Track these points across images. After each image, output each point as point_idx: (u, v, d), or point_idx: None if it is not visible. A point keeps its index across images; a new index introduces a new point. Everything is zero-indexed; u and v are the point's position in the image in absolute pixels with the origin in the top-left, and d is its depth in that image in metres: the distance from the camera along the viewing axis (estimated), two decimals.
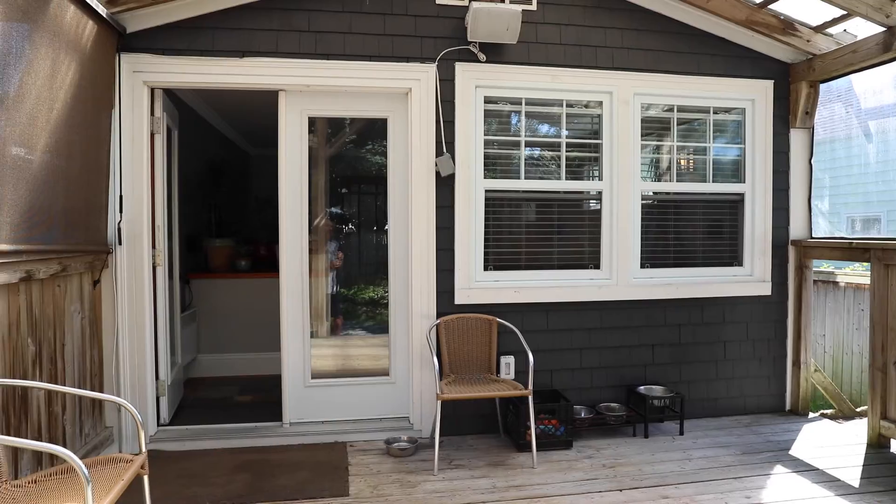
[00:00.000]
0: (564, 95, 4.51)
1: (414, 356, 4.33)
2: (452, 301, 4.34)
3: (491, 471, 3.78)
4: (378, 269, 4.64)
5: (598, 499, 3.40)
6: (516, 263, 4.53)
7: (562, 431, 4.15)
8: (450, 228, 4.32)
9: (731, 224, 4.92)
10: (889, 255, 4.10)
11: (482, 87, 4.37)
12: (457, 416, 4.34)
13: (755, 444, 4.25)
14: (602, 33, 4.53)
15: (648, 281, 4.67)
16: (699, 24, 4.67)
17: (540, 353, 4.40)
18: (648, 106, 4.72)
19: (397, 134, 4.39)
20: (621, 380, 4.66)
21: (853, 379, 5.82)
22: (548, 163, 4.65)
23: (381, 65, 4.20)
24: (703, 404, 4.83)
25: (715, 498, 3.42)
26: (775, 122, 4.87)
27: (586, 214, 4.67)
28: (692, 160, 4.92)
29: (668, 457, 4.02)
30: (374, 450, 4.10)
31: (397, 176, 4.40)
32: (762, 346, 4.93)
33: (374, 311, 4.73)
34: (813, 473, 3.77)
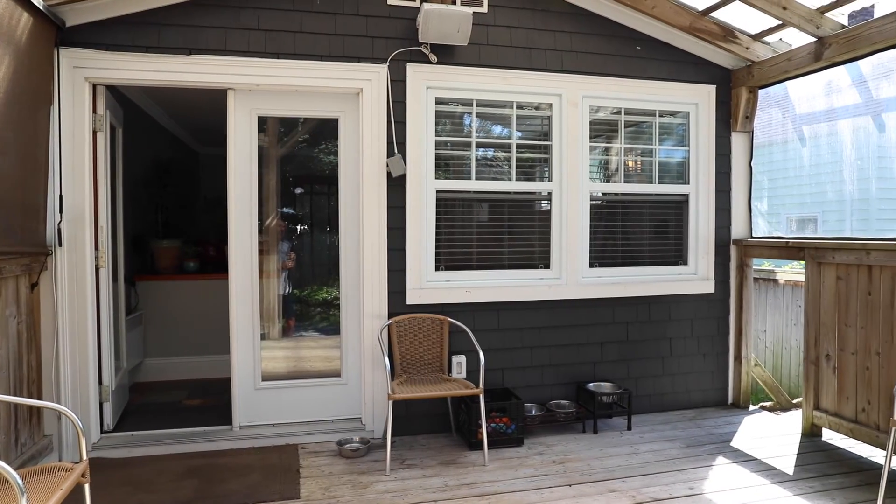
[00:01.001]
0: (515, 97, 4.57)
1: (366, 357, 4.32)
2: (404, 301, 4.35)
3: (443, 469, 3.80)
4: (331, 269, 4.61)
5: (548, 494, 3.46)
6: (468, 263, 4.57)
7: (513, 429, 4.21)
8: (401, 229, 4.33)
9: (677, 224, 5.07)
10: (821, 254, 4.29)
11: (433, 88, 4.39)
12: (409, 415, 4.35)
13: (699, 437, 4.39)
14: (551, 36, 4.61)
15: (597, 280, 4.77)
16: (645, 30, 4.80)
17: (491, 352, 4.45)
18: (597, 108, 4.82)
19: (348, 134, 4.38)
20: (571, 377, 4.75)
21: (792, 372, 6.07)
22: (499, 163, 4.70)
23: (333, 64, 4.18)
24: (651, 399, 4.96)
25: (660, 490, 3.52)
26: (718, 126, 5.04)
27: (537, 215, 4.74)
28: (639, 162, 5.05)
29: (617, 451, 4.12)
30: (326, 451, 4.08)
31: (348, 176, 4.39)
32: (706, 343, 5.10)
33: (327, 311, 4.70)
34: (752, 463, 3.92)
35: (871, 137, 4.70)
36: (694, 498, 3.42)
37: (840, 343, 4.20)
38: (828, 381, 4.30)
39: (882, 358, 3.91)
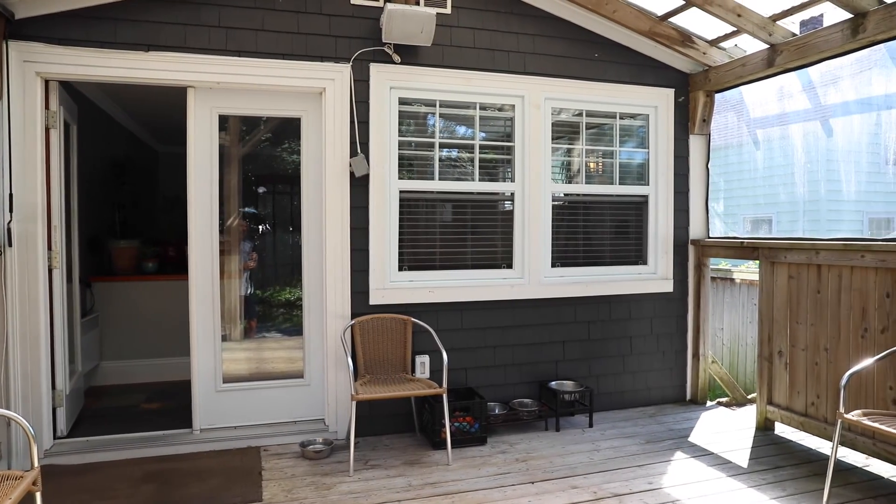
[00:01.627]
0: (478, 98, 4.60)
1: (329, 357, 4.30)
2: (367, 301, 4.34)
3: (407, 469, 3.81)
4: (293, 270, 4.57)
5: (511, 492, 3.50)
6: (431, 264, 4.58)
7: (476, 428, 4.24)
8: (364, 229, 4.32)
9: (637, 224, 5.17)
10: (774, 254, 4.43)
11: (397, 89, 4.40)
12: (372, 416, 4.35)
13: (658, 433, 4.48)
14: (514, 38, 4.65)
15: (559, 280, 4.84)
16: (607, 34, 4.88)
17: (454, 351, 4.48)
18: (559, 110, 4.89)
19: (311, 134, 4.35)
20: (534, 376, 4.80)
21: (748, 369, 6.23)
22: (463, 164, 4.72)
23: (295, 63, 4.14)
24: (612, 397, 5.04)
25: (620, 486, 3.58)
26: (676, 129, 5.16)
27: (499, 215, 4.78)
28: (601, 163, 5.13)
29: (578, 448, 4.18)
30: (289, 453, 4.04)
31: (311, 176, 4.36)
32: (665, 341, 5.21)
33: (290, 312, 4.66)
34: (709, 457, 4.03)
35: (820, 142, 4.88)
36: (653, 492, 3.49)
37: (792, 340, 4.34)
38: (780, 377, 4.44)
39: (830, 354, 4.06)
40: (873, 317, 3.80)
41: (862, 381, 3.84)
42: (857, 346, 3.88)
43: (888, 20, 3.65)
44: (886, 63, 3.99)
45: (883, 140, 5.06)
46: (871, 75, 4.06)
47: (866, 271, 3.83)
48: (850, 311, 3.93)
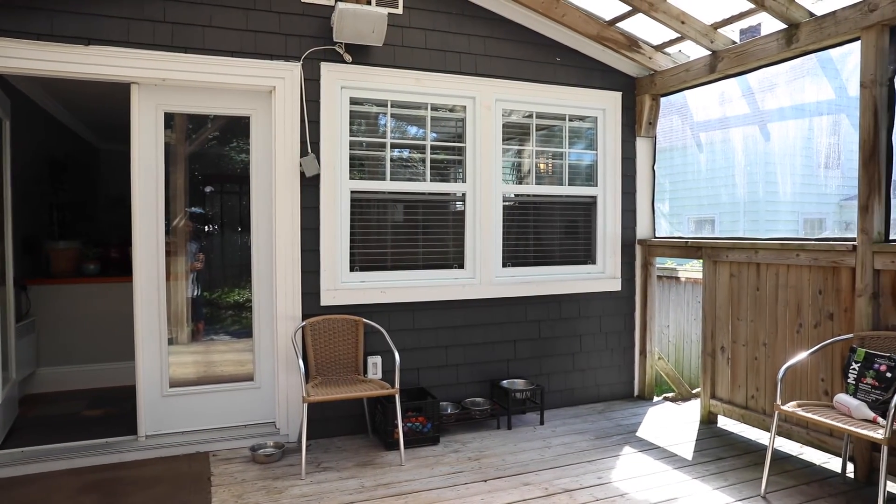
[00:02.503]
0: (430, 99, 4.62)
1: (279, 359, 4.24)
2: (318, 302, 4.30)
3: (359, 471, 3.79)
4: (243, 271, 4.49)
5: (464, 490, 3.52)
6: (383, 264, 4.57)
7: (429, 428, 4.25)
8: (315, 229, 4.28)
9: (586, 224, 5.27)
10: (716, 253, 4.58)
11: (348, 88, 4.37)
12: (324, 418, 4.31)
13: (607, 429, 4.58)
14: (466, 40, 4.68)
15: (510, 279, 4.89)
16: (556, 37, 4.96)
17: (407, 351, 4.48)
18: (510, 112, 4.94)
19: (261, 133, 4.28)
20: (486, 375, 4.84)
21: (693, 364, 6.43)
22: (414, 164, 4.73)
23: (244, 61, 4.07)
24: (562, 394, 5.13)
25: (571, 481, 3.65)
26: (623, 131, 5.28)
27: (451, 215, 4.80)
28: (550, 164, 5.21)
29: (530, 446, 4.24)
30: (239, 458, 3.97)
31: (261, 176, 4.29)
32: (614, 338, 5.33)
33: (239, 314, 4.57)
34: (655, 451, 4.14)
35: (759, 145, 5.07)
36: (602, 487, 3.57)
37: (733, 336, 4.50)
38: (722, 372, 4.60)
39: (768, 348, 4.23)
40: (807, 313, 3.97)
41: (797, 374, 4.01)
42: (793, 341, 4.05)
43: (818, 31, 3.83)
44: (818, 72, 4.18)
45: (815, 145, 5.30)
46: (804, 83, 4.25)
47: (801, 269, 4.01)
48: (787, 307, 4.10)
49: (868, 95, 3.57)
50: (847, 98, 3.85)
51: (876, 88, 3.54)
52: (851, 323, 3.68)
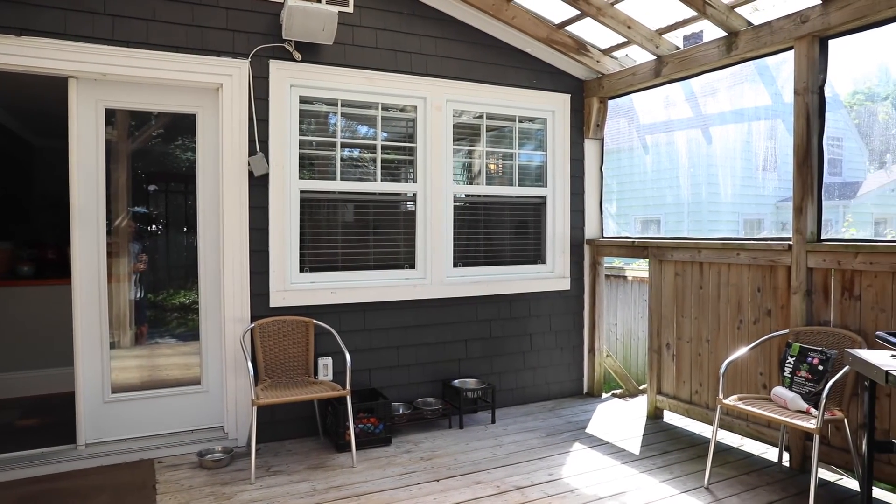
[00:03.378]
0: (380, 99, 4.60)
1: (228, 362, 4.15)
2: (268, 304, 4.23)
3: (311, 474, 3.74)
4: (189, 272, 4.38)
5: (417, 491, 3.52)
6: (333, 264, 4.53)
7: (381, 429, 4.23)
8: (264, 230, 4.21)
9: (536, 225, 5.34)
10: (662, 253, 4.71)
11: (298, 87, 4.31)
12: (274, 421, 4.24)
13: (557, 426, 4.66)
14: (417, 40, 4.68)
15: (461, 279, 4.92)
16: (507, 39, 5.01)
17: (358, 352, 4.45)
18: (460, 112, 4.97)
19: (208, 131, 4.18)
20: (437, 374, 4.85)
21: (640, 361, 6.59)
22: (365, 164, 4.70)
23: (190, 57, 3.97)
24: (513, 393, 5.19)
25: (522, 478, 3.69)
26: (572, 133, 5.37)
27: (402, 215, 4.79)
28: (501, 165, 5.26)
29: (482, 445, 4.27)
30: (186, 464, 3.87)
31: (208, 175, 4.19)
32: (563, 337, 5.42)
33: (185, 316, 4.45)
34: (604, 447, 4.23)
35: (702, 148, 5.28)
36: (553, 483, 3.63)
37: (678, 333, 4.63)
38: (668, 368, 4.73)
39: (711, 345, 4.37)
40: (747, 310, 4.13)
41: (738, 368, 4.17)
42: (734, 337, 4.21)
43: (756, 40, 3.98)
44: (756, 79, 4.37)
45: (754, 148, 5.53)
46: (743, 89, 4.43)
47: (741, 268, 4.16)
48: (728, 304, 4.25)
49: (801, 102, 3.73)
50: (783, 104, 4.03)
51: (808, 96, 3.70)
52: (787, 319, 3.85)
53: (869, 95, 9.06)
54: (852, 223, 8.36)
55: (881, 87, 8.73)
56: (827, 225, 3.77)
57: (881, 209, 9.22)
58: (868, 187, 9.04)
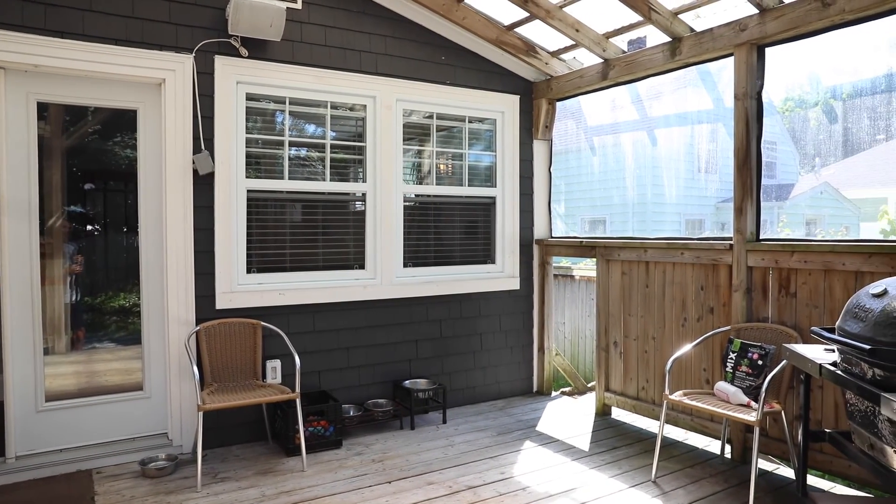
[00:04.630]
0: (330, 97, 4.54)
1: (171, 367, 4.02)
2: (213, 306, 4.11)
3: (259, 479, 3.66)
4: (129, 274, 4.21)
5: (368, 493, 3.48)
6: (281, 265, 4.45)
7: (331, 431, 4.17)
8: (209, 230, 4.10)
9: (485, 225, 5.37)
10: (609, 252, 4.81)
11: (244, 84, 4.21)
12: (221, 426, 4.13)
13: (508, 425, 4.69)
14: (367, 39, 4.64)
15: (411, 279, 4.90)
16: (457, 39, 5.01)
17: (307, 354, 4.38)
18: (410, 112, 4.95)
19: (149, 127, 4.04)
20: (388, 375, 4.82)
21: (587, 359, 6.70)
22: (314, 163, 4.63)
23: (130, 50, 3.82)
24: (464, 393, 5.20)
25: (474, 478, 3.70)
26: (521, 133, 5.42)
27: (351, 215, 4.74)
28: (451, 165, 5.26)
29: (433, 445, 4.26)
30: (127, 473, 3.72)
31: (150, 173, 4.05)
32: (513, 336, 5.46)
33: (126, 320, 4.28)
34: (555, 444, 4.28)
35: (647, 150, 5.43)
36: (505, 482, 3.65)
37: (625, 331, 4.73)
38: (615, 365, 4.83)
39: (657, 342, 4.48)
40: (691, 308, 4.25)
41: (683, 365, 4.28)
42: (679, 335, 4.32)
43: (698, 46, 4.11)
44: (698, 83, 4.50)
45: (696, 150, 5.72)
46: (686, 93, 4.56)
47: (685, 267, 4.28)
48: (673, 302, 4.37)
49: (741, 107, 3.86)
50: (723, 108, 4.18)
51: (747, 101, 3.84)
52: (729, 316, 3.98)
53: (800, 102, 9.48)
54: (787, 223, 8.75)
55: (811, 95, 9.15)
56: (765, 225, 3.92)
57: (812, 210, 9.68)
58: (800, 189, 9.47)
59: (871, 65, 7.59)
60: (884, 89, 7.21)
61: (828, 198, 9.50)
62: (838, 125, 8.24)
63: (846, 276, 3.40)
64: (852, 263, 3.34)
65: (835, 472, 3.49)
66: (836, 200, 9.54)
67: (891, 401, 2.04)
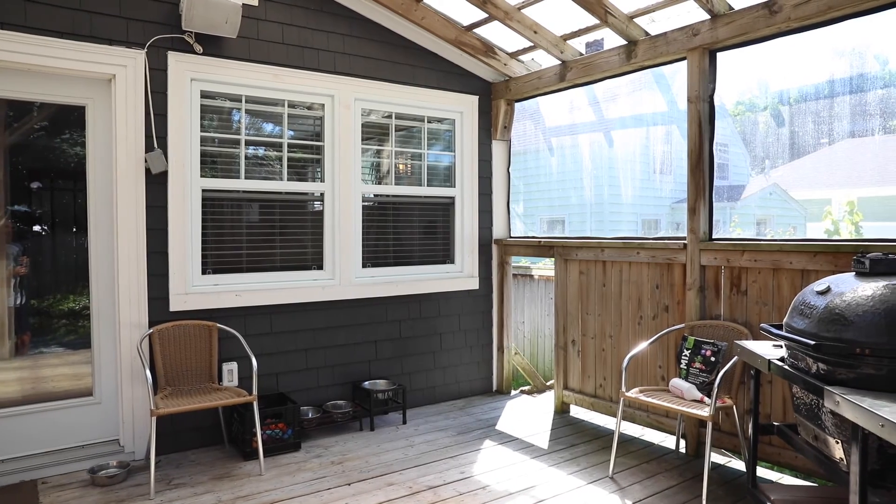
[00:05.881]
0: (287, 96, 4.48)
1: (123, 371, 3.91)
2: (167, 308, 4.02)
3: (216, 485, 3.59)
4: (79, 275, 4.08)
5: (328, 496, 3.45)
6: (238, 266, 4.37)
7: (290, 434, 4.12)
8: (163, 230, 4.00)
9: (444, 225, 5.38)
10: (567, 252, 4.87)
11: (199, 81, 4.12)
12: (176, 431, 4.03)
13: (468, 424, 4.71)
14: (325, 37, 4.59)
15: (371, 280, 4.87)
16: (416, 39, 5.01)
17: (265, 356, 4.32)
18: (369, 111, 4.92)
19: (99, 124, 3.92)
20: (347, 377, 4.78)
21: (546, 358, 6.78)
22: (271, 163, 4.56)
23: (78, 44, 3.70)
24: (424, 393, 5.19)
25: (435, 478, 3.70)
26: (480, 134, 5.45)
27: (309, 215, 4.69)
28: (410, 165, 5.26)
29: (393, 446, 4.24)
30: (76, 482, 3.60)
31: (100, 172, 3.93)
32: (472, 336, 5.48)
33: (75, 323, 4.14)
34: (514, 443, 4.31)
35: (604, 151, 5.52)
36: (465, 481, 3.66)
37: (583, 329, 4.80)
38: (574, 364, 4.89)
39: (614, 340, 4.56)
40: (647, 306, 4.34)
41: (639, 362, 4.37)
42: (635, 332, 4.40)
43: (653, 49, 4.19)
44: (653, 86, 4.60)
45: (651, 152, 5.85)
46: (642, 95, 4.65)
47: (641, 266, 4.36)
48: (630, 301, 4.45)
49: (694, 110, 3.96)
50: (677, 111, 4.28)
51: (700, 104, 3.94)
52: (683, 314, 4.07)
53: (750, 106, 9.80)
54: (738, 223, 9.03)
55: (761, 99, 9.47)
56: (717, 225, 4.02)
57: (762, 210, 10.01)
58: (751, 190, 9.79)
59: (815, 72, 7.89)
60: (827, 95, 7.50)
61: (777, 198, 9.84)
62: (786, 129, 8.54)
63: (793, 275, 3.51)
64: (799, 262, 3.46)
65: (783, 464, 3.61)
66: (785, 201, 9.89)
67: (833, 393, 2.12)
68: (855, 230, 6.91)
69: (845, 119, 7.55)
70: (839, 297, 2.33)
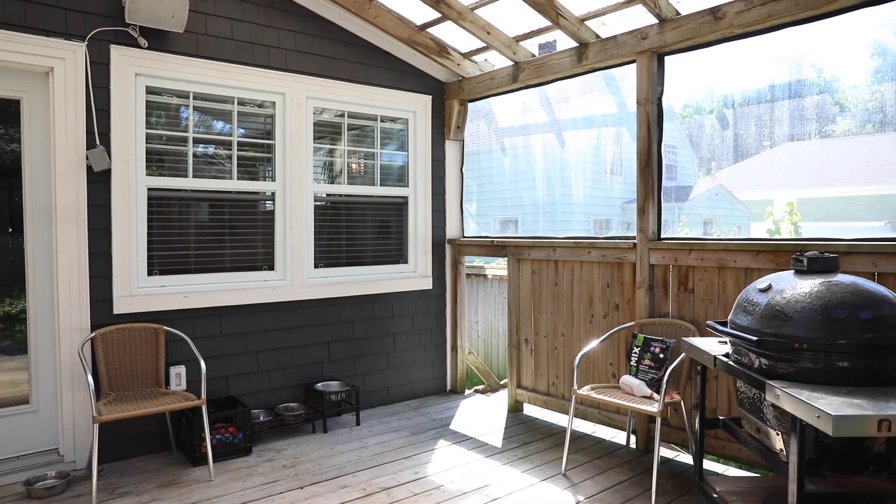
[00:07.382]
0: (237, 93, 4.39)
1: (63, 377, 3.75)
2: (111, 311, 3.88)
3: (162, 492, 3.48)
4: (15, 277, 3.90)
5: (280, 501, 3.39)
6: (186, 267, 4.25)
7: (240, 438, 4.03)
8: (106, 230, 3.86)
9: (398, 224, 5.35)
10: (520, 251, 4.91)
11: (144, 76, 4.00)
12: (120, 438, 3.90)
13: (422, 425, 4.70)
14: (276, 34, 4.52)
15: (323, 280, 4.81)
16: (369, 38, 4.97)
17: (214, 359, 4.22)
18: (321, 110, 4.86)
19: (36, 120, 3.75)
20: (300, 378, 4.71)
21: (500, 357, 6.82)
22: (220, 161, 4.46)
23: (11, 34, 3.53)
24: (378, 394, 5.16)
25: (388, 479, 3.68)
26: (434, 134, 5.45)
27: (260, 215, 4.60)
28: (363, 164, 5.21)
29: (347, 448, 4.20)
30: (10, 496, 3.44)
31: (37, 169, 3.76)
32: (426, 336, 5.47)
33: (10, 327, 3.96)
34: (468, 442, 4.32)
35: (556, 151, 5.59)
36: (419, 481, 3.65)
37: (536, 328, 4.85)
38: (527, 362, 4.94)
39: (566, 339, 4.62)
40: (598, 304, 4.41)
41: (591, 360, 4.44)
42: (587, 331, 4.47)
43: (603, 52, 4.27)
44: (604, 88, 4.68)
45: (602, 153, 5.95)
46: (593, 97, 4.73)
47: (592, 265, 4.43)
48: (581, 300, 4.51)
49: (643, 112, 4.04)
50: (627, 113, 4.37)
51: (649, 106, 4.03)
52: (633, 312, 4.15)
53: (697, 109, 10.10)
54: (686, 223, 9.28)
55: (707, 103, 9.76)
56: (666, 225, 4.12)
57: (709, 210, 10.33)
58: (698, 191, 10.08)
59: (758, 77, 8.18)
60: (768, 99, 7.78)
61: (722, 199, 10.17)
62: (730, 131, 8.82)
63: (737, 273, 3.63)
64: (743, 261, 3.57)
65: (728, 456, 3.73)
66: (730, 202, 10.22)
67: (774, 387, 2.19)
68: (794, 230, 7.19)
69: (785, 123, 7.86)
70: (779, 295, 2.41)
